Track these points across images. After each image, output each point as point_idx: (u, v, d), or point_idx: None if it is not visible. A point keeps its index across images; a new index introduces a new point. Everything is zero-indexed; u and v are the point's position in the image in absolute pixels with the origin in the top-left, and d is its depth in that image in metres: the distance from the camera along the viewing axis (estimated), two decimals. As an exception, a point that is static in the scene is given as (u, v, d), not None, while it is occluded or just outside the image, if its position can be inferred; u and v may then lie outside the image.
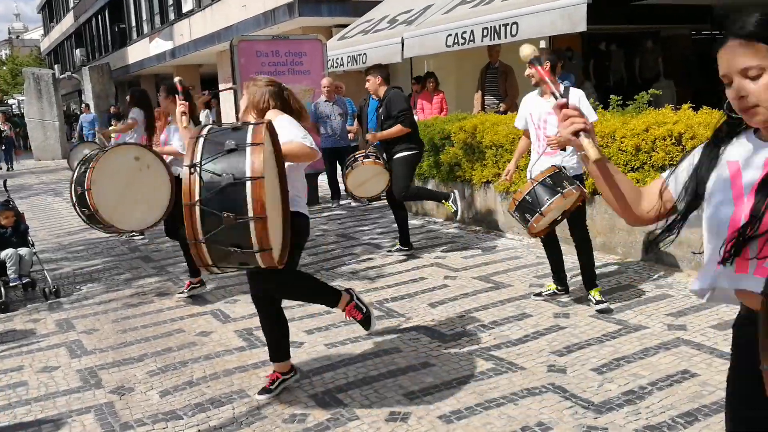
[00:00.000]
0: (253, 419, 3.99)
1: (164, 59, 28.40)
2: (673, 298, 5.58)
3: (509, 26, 9.56)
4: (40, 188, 16.63)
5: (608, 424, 3.68)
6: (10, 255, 6.52)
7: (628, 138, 6.39)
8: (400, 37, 11.96)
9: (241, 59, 10.62)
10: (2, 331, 5.78)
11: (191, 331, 5.51)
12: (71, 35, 46.65)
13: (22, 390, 4.55)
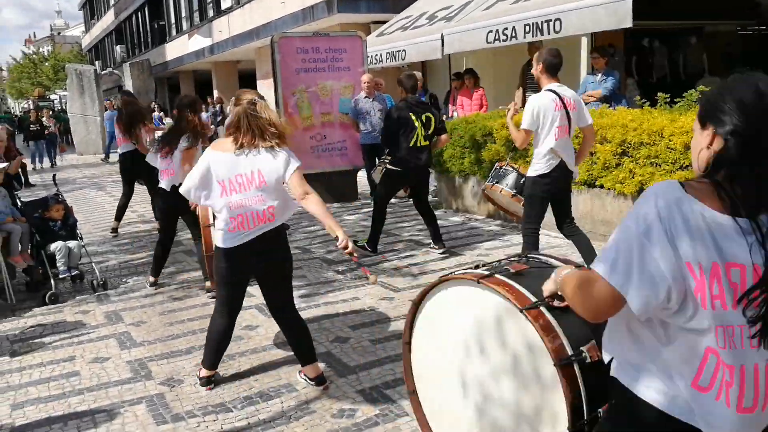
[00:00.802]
0: (302, 413, 4.00)
1: (203, 56, 28.65)
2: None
3: (552, 22, 9.45)
4: (83, 182, 16.87)
5: None
6: (59, 248, 6.62)
7: (677, 136, 6.29)
8: (439, 33, 11.90)
9: (282, 56, 10.66)
10: (53, 322, 5.88)
11: (237, 325, 5.46)
12: (112, 32, 47.31)
13: (75, 380, 4.63)
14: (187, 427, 3.89)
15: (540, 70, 5.64)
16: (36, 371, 4.81)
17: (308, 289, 6.43)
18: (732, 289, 1.65)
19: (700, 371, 1.69)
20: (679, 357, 1.72)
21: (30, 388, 4.52)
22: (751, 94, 1.73)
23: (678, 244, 1.65)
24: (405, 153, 7.21)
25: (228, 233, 4.01)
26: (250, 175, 3.98)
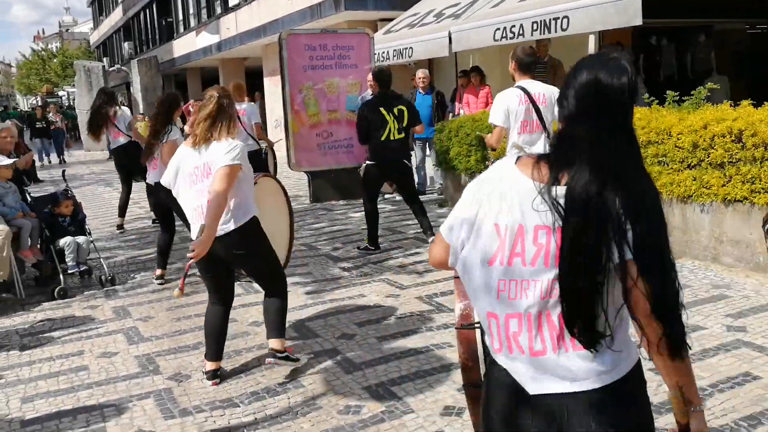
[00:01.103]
0: (308, 409, 4.02)
1: (210, 53, 28.68)
2: (731, 298, 5.47)
3: (560, 20, 9.44)
4: (90, 178, 16.94)
5: (669, 424, 3.63)
6: (68, 243, 6.67)
7: (685, 135, 6.28)
8: (447, 31, 11.90)
9: (289, 53, 10.67)
10: (62, 317, 5.92)
11: (244, 321, 5.57)
12: (120, 29, 47.38)
13: (83, 374, 4.66)
14: (194, 421, 3.92)
15: (513, 68, 5.72)
16: (45, 365, 4.86)
17: (314, 286, 6.45)
18: (535, 248, 1.79)
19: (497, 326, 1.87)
20: (485, 308, 1.89)
21: (40, 382, 4.56)
22: (587, 80, 1.82)
23: (490, 207, 1.85)
24: (378, 147, 7.33)
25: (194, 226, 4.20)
26: (202, 168, 4.16)
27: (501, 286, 1.83)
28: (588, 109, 1.81)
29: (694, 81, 11.90)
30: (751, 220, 5.96)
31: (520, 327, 1.82)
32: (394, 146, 7.36)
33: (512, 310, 1.83)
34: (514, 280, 1.82)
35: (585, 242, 1.71)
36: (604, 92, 1.79)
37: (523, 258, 1.80)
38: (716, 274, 6.06)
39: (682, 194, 6.41)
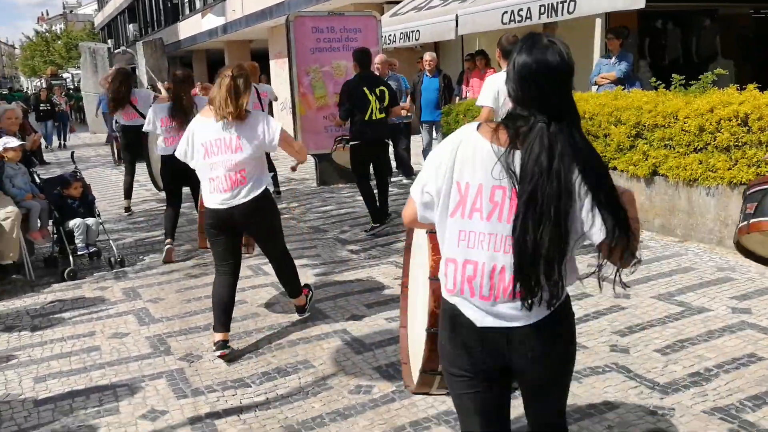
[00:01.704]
0: (319, 389, 4.07)
1: (216, 35, 28.61)
2: (736, 281, 5.51)
3: (567, 3, 9.43)
4: (97, 161, 16.97)
5: (675, 404, 3.68)
6: (78, 225, 6.71)
7: (692, 118, 6.29)
8: (454, 14, 11.87)
9: (297, 35, 10.67)
10: (72, 298, 5.99)
11: (254, 303, 5.62)
12: (124, 10, 47.21)
13: (95, 354, 4.73)
14: (206, 401, 3.98)
15: (498, 55, 6.06)
16: (57, 345, 4.92)
17: (323, 268, 6.49)
18: (491, 205, 2.09)
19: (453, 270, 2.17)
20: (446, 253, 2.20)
21: (52, 362, 4.63)
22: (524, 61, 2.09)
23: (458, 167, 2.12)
24: (361, 126, 7.51)
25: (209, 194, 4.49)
26: (228, 141, 4.39)
27: (461, 236, 2.13)
28: (535, 87, 2.08)
29: (699, 65, 11.89)
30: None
31: (474, 273, 2.13)
32: (376, 125, 7.57)
33: (469, 258, 2.13)
34: (472, 232, 2.12)
35: (536, 203, 2.01)
36: (544, 73, 2.07)
37: (481, 213, 2.10)
38: (721, 257, 6.10)
39: (688, 177, 6.43)
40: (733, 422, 3.48)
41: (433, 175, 2.17)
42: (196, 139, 4.45)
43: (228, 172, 4.39)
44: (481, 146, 2.11)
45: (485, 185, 2.09)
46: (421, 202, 2.22)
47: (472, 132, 2.15)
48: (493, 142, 2.10)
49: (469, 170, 2.11)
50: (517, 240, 2.03)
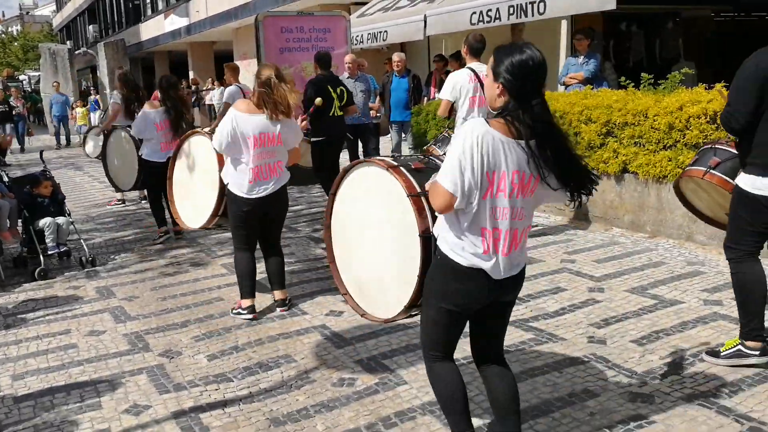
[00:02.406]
0: (302, 383, 4.08)
1: (179, 36, 28.38)
2: (705, 274, 5.64)
3: (536, 4, 9.54)
4: (59, 162, 16.69)
5: (654, 392, 3.76)
6: (48, 224, 6.61)
7: (661, 116, 6.42)
8: (422, 14, 11.94)
9: (266, 35, 10.62)
10: (44, 297, 5.90)
11: (230, 300, 5.60)
12: (84, 11, 46.55)
13: (73, 352, 4.67)
14: (189, 395, 3.95)
15: (465, 52, 6.61)
16: (33, 344, 4.85)
17: (298, 266, 6.49)
18: (512, 186, 2.66)
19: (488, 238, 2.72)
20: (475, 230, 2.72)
21: (29, 360, 4.56)
22: (520, 59, 2.61)
23: (483, 160, 2.59)
24: (328, 123, 8.00)
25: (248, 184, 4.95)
26: (271, 135, 4.90)
27: (491, 212, 2.68)
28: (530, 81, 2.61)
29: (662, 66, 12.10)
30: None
31: (499, 237, 2.72)
32: (339, 122, 8.21)
33: (497, 227, 2.71)
34: (498, 208, 2.68)
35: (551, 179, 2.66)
36: (538, 68, 2.62)
37: (505, 192, 2.66)
38: (690, 252, 6.23)
39: (657, 174, 6.56)
40: (711, 407, 3.56)
41: (461, 170, 2.60)
42: (241, 131, 4.85)
43: (270, 163, 4.96)
44: (500, 139, 2.61)
45: (508, 170, 2.63)
46: (456, 193, 2.63)
47: (486, 128, 2.61)
48: (507, 135, 2.62)
49: (494, 161, 2.61)
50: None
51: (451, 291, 2.84)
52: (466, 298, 2.83)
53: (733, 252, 4.06)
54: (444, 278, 2.85)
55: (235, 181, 4.98)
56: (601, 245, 6.66)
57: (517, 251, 2.78)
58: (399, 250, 3.33)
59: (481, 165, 2.59)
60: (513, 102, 2.61)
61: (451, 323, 2.94)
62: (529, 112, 2.59)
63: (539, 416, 3.57)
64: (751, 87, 3.71)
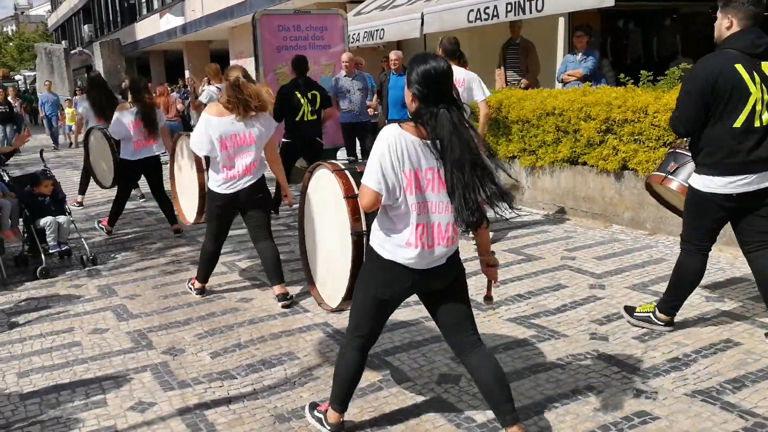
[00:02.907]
0: (305, 380, 4.09)
1: (174, 35, 28.36)
2: (707, 271, 5.57)
3: (534, 1, 9.56)
4: (57, 162, 16.67)
5: (657, 388, 3.78)
6: (49, 223, 6.62)
7: (662, 113, 6.43)
8: (419, 12, 11.94)
9: (263, 33, 10.62)
10: (47, 296, 5.90)
11: (232, 298, 5.61)
12: (79, 11, 46.49)
13: (77, 350, 4.67)
14: (194, 392, 3.96)
15: (441, 54, 6.45)
16: (37, 342, 4.85)
17: (297, 264, 6.47)
18: (426, 182, 2.94)
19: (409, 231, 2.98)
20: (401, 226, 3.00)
21: (33, 358, 4.56)
22: (425, 68, 2.91)
23: (399, 160, 2.88)
24: (292, 126, 8.19)
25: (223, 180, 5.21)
26: (242, 136, 5.13)
27: (412, 208, 2.95)
28: (434, 89, 2.90)
29: (660, 63, 12.13)
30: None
31: (423, 231, 2.98)
32: (307, 126, 8.24)
33: (419, 221, 2.96)
34: (416, 203, 2.94)
35: (458, 177, 2.86)
36: (441, 77, 2.91)
37: (421, 188, 2.94)
38: (690, 249, 6.24)
39: (657, 171, 6.57)
40: (715, 403, 3.58)
41: (383, 169, 2.89)
42: (212, 134, 5.06)
43: (245, 164, 5.16)
44: (411, 140, 2.91)
45: (422, 169, 2.93)
46: (381, 191, 2.91)
47: (399, 131, 2.92)
48: (417, 136, 2.92)
49: (409, 160, 2.90)
50: (453, 202, 2.91)
51: (377, 280, 3.13)
52: (390, 287, 3.11)
53: (687, 245, 4.39)
54: (372, 269, 3.16)
55: (212, 177, 5.28)
56: (602, 242, 6.68)
57: (443, 243, 3.03)
58: (343, 246, 3.58)
59: (397, 164, 2.88)
60: (422, 107, 2.92)
61: (378, 310, 3.21)
62: (434, 116, 2.87)
63: (543, 412, 3.59)
64: (697, 92, 3.97)
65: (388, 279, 3.09)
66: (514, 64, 10.77)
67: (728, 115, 3.93)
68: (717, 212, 4.14)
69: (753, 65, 3.93)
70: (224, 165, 5.16)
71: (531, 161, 8.19)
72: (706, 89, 3.92)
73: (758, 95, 3.91)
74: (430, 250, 3.01)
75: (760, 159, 3.97)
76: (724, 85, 3.89)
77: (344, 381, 3.36)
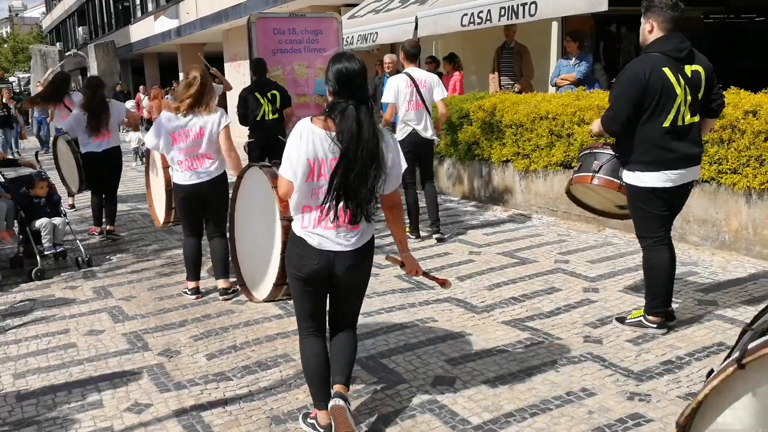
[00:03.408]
0: (301, 381, 4.08)
1: (169, 38, 28.30)
2: (699, 274, 5.70)
3: (528, 6, 9.58)
4: (50, 163, 16.59)
5: (651, 390, 3.81)
6: (45, 224, 6.62)
7: (654, 118, 6.47)
8: (413, 16, 11.97)
9: (258, 36, 10.63)
10: (42, 297, 5.91)
11: (227, 300, 5.62)
12: (74, 13, 46.39)
13: (73, 351, 4.68)
14: (190, 394, 3.98)
15: (402, 58, 7.25)
16: (32, 343, 4.86)
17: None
18: (329, 170, 3.16)
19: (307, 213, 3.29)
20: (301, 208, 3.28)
21: (29, 359, 4.57)
22: (337, 67, 3.16)
23: (306, 150, 3.16)
24: (256, 126, 8.52)
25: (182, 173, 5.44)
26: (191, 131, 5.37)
27: (312, 193, 3.22)
28: (344, 87, 3.14)
29: (653, 68, 12.17)
30: (717, 200, 6.19)
31: (321, 215, 3.22)
32: (269, 124, 8.49)
33: (317, 205, 3.22)
34: (318, 189, 3.20)
35: (353, 167, 3.11)
36: (351, 75, 3.14)
37: (324, 176, 3.18)
38: (683, 253, 6.29)
39: (650, 175, 6.61)
40: (707, 405, 3.61)
41: (294, 160, 3.18)
42: (164, 129, 5.34)
43: (197, 156, 5.39)
44: (318, 133, 3.16)
45: (326, 158, 3.17)
46: (295, 179, 3.20)
47: (308, 124, 3.19)
48: (324, 129, 3.17)
49: (313, 150, 3.16)
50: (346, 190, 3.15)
51: (293, 256, 3.37)
52: (302, 261, 3.31)
53: (645, 241, 4.60)
54: (291, 248, 3.40)
55: (174, 170, 5.52)
56: (595, 246, 6.72)
57: (343, 227, 3.26)
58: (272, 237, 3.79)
59: (304, 154, 3.16)
60: (334, 102, 3.19)
61: (304, 292, 3.41)
62: (342, 112, 3.12)
63: (538, 414, 3.61)
64: (630, 93, 4.22)
65: (300, 253, 3.31)
66: (508, 69, 10.81)
67: (657, 115, 4.22)
68: (659, 201, 4.42)
69: (678, 68, 4.22)
70: (179, 158, 5.39)
71: (525, 165, 8.23)
72: (638, 90, 4.18)
73: (683, 97, 4.21)
74: (333, 231, 3.26)
75: (686, 155, 4.32)
76: (654, 86, 4.17)
77: (314, 374, 3.46)
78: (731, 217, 6.12)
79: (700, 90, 4.31)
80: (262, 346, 4.65)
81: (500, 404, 3.73)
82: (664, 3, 4.24)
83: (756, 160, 5.83)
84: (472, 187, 9.35)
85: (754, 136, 5.79)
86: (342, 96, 3.16)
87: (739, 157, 5.92)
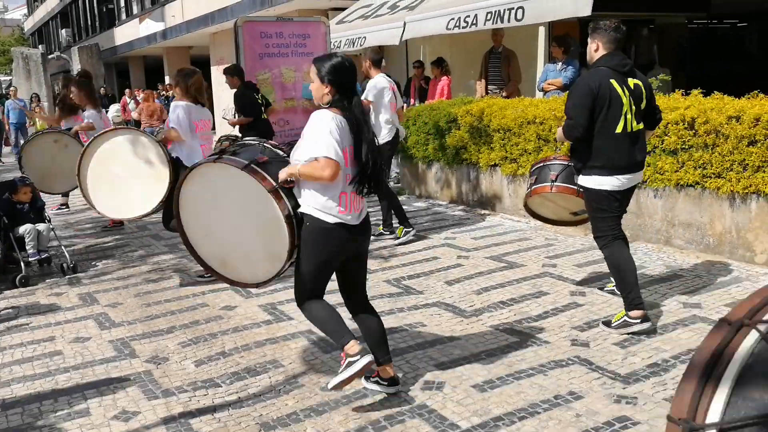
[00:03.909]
0: (290, 387, 4.10)
1: (154, 41, 28.20)
2: (684, 278, 5.74)
3: (514, 10, 9.63)
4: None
5: (637, 393, 3.83)
6: (28, 230, 6.57)
7: (640, 122, 6.52)
8: (401, 21, 12.00)
9: (245, 40, 10.61)
10: (27, 304, 5.86)
11: (215, 306, 5.61)
12: (57, 15, 46.10)
13: (58, 359, 4.65)
14: (179, 401, 3.96)
15: (368, 65, 7.61)
16: (17, 351, 4.82)
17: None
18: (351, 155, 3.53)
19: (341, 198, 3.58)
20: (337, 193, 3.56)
21: (14, 367, 4.53)
22: (338, 63, 3.52)
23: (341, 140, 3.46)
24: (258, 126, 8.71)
25: None
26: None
27: (346, 179, 3.56)
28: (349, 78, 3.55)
29: (638, 73, 12.25)
30: (702, 204, 6.24)
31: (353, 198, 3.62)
32: (267, 125, 8.99)
33: (345, 191, 3.56)
34: (348, 174, 3.55)
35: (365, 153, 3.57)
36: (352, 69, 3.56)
37: (347, 163, 3.52)
38: (669, 256, 6.33)
39: (636, 179, 6.66)
40: (694, 408, 3.63)
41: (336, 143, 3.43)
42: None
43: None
44: (341, 122, 3.49)
45: (347, 147, 3.53)
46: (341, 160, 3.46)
47: (332, 113, 3.49)
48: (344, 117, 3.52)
49: (341, 137, 3.47)
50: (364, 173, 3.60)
51: (323, 246, 3.61)
52: (343, 244, 3.63)
53: (602, 240, 4.85)
54: (316, 238, 3.60)
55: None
56: (581, 250, 6.75)
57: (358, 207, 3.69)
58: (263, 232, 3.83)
59: (340, 144, 3.45)
60: (338, 96, 3.51)
61: (326, 273, 3.74)
62: (350, 103, 3.52)
63: (526, 418, 3.63)
64: (586, 103, 4.55)
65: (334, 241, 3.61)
66: (495, 73, 10.85)
67: (609, 123, 4.57)
68: (615, 202, 4.76)
69: (623, 80, 4.61)
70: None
71: (512, 169, 8.26)
72: (591, 98, 4.53)
73: (628, 105, 4.58)
74: (357, 213, 3.67)
75: (636, 160, 4.70)
76: (603, 96, 4.53)
77: (328, 320, 3.74)
78: (715, 220, 6.17)
79: (642, 101, 4.70)
80: (251, 352, 4.64)
81: (489, 408, 3.75)
82: (608, 26, 4.66)
83: (739, 164, 5.88)
84: (460, 191, 9.37)
85: (738, 140, 5.84)
86: (346, 89, 3.53)
87: (723, 161, 5.97)
